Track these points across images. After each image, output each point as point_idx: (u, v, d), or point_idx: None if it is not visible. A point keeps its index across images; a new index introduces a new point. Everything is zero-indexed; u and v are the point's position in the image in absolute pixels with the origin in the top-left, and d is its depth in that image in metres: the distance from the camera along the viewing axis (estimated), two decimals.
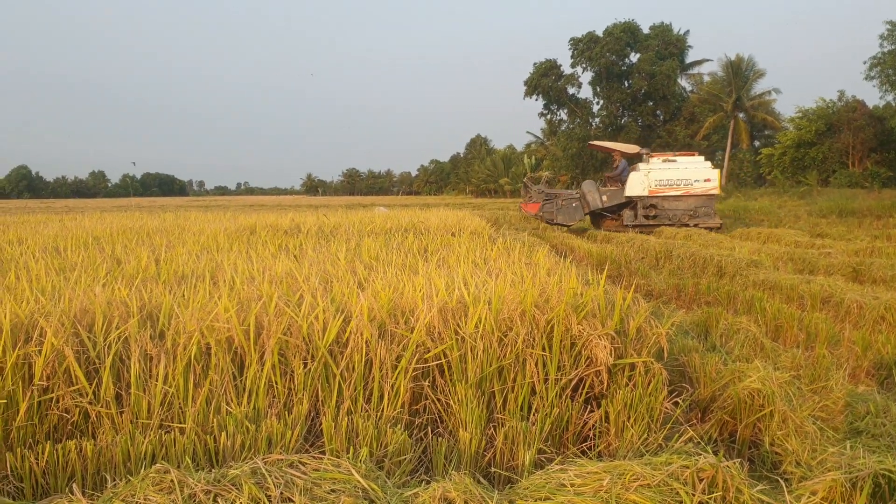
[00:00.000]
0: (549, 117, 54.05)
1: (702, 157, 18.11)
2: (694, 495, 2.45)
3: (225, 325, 3.45)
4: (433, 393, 3.60)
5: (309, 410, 3.39)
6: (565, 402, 3.48)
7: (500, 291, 3.84)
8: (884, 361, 5.00)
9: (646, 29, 48.97)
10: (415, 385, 3.57)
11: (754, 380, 3.63)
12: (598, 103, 51.12)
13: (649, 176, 17.63)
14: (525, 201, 19.84)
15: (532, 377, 3.56)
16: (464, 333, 3.56)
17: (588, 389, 3.64)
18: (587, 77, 50.79)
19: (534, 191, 19.34)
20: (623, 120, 50.22)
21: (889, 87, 35.24)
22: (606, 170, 22.55)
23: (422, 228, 10.40)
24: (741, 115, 46.96)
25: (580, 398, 3.58)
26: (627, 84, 48.86)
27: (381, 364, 3.48)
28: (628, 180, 17.91)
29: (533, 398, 3.55)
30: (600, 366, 3.52)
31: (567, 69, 50.90)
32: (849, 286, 7.38)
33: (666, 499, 2.43)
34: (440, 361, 3.59)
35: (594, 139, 45.35)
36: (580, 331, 3.62)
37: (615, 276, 9.42)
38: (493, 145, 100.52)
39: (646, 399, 3.40)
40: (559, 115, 53.66)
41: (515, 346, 3.56)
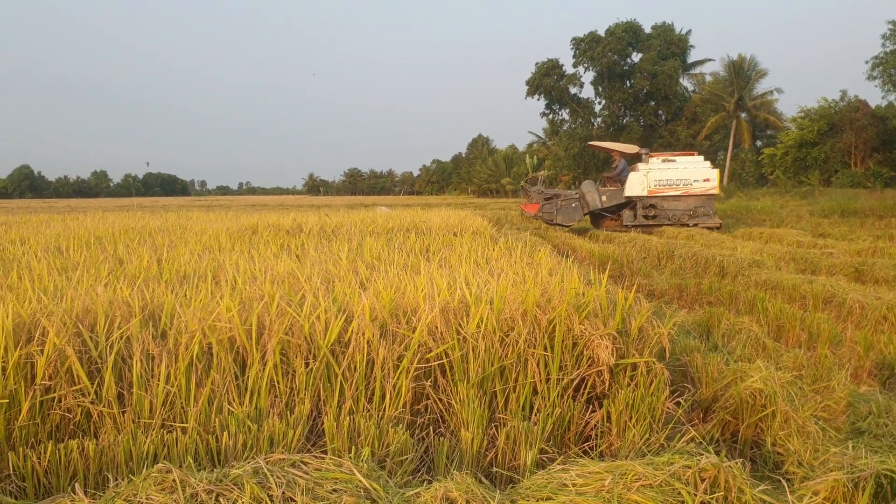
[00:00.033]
0: (551, 117, 54.04)
1: (701, 157, 18.07)
2: (696, 495, 2.44)
3: (227, 325, 3.46)
4: (435, 393, 3.60)
5: (311, 410, 3.40)
6: (567, 402, 3.48)
7: (502, 291, 3.84)
8: (886, 361, 5.00)
9: (648, 29, 48.95)
10: (416, 385, 3.57)
11: (756, 380, 3.63)
12: (600, 103, 51.11)
13: (648, 176, 17.60)
14: (525, 202, 19.84)
15: (534, 377, 3.56)
16: (465, 333, 3.56)
17: (590, 389, 3.64)
18: (589, 77, 50.76)
19: (533, 191, 19.32)
20: (625, 120, 50.19)
21: (891, 87, 35.19)
22: (607, 170, 22.53)
23: (423, 228, 10.40)
24: (743, 115, 46.92)
25: (582, 398, 3.58)
26: (629, 84, 48.81)
27: (383, 364, 3.48)
28: (627, 180, 17.88)
29: (535, 398, 3.55)
30: (602, 366, 3.52)
31: (569, 69, 50.92)
32: (851, 286, 7.37)
33: (668, 499, 2.43)
34: (442, 361, 3.59)
35: (596, 139, 45.34)
36: (582, 331, 3.62)
37: (617, 276, 9.42)
38: (495, 145, 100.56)
39: (648, 399, 3.40)
40: (561, 115, 53.65)
41: (517, 346, 3.56)
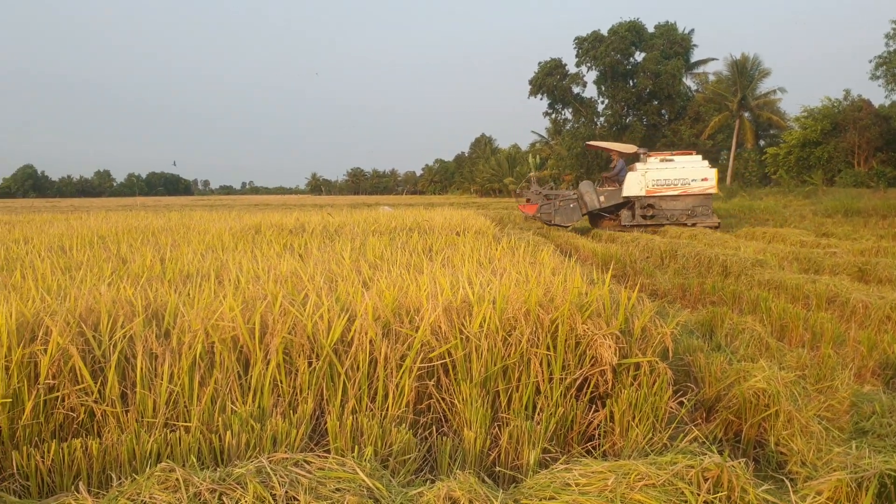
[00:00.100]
0: (554, 116, 54.03)
1: (699, 157, 18.03)
2: (699, 495, 2.44)
3: (230, 325, 3.46)
4: (438, 392, 3.60)
5: (314, 409, 3.40)
6: (570, 402, 3.48)
7: (505, 291, 3.84)
8: (889, 361, 4.99)
9: (651, 28, 48.92)
10: (419, 384, 3.57)
11: (759, 379, 3.62)
12: (603, 102, 51.11)
13: (646, 176, 17.57)
14: (523, 202, 19.81)
15: (537, 376, 3.56)
16: (468, 333, 3.56)
17: (593, 389, 3.63)
18: (592, 76, 50.79)
19: (531, 192, 19.30)
20: (628, 119, 50.16)
21: (895, 87, 35.13)
22: (607, 170, 22.54)
23: (426, 228, 10.39)
24: (746, 115, 46.89)
25: (585, 398, 3.58)
26: (632, 83, 48.79)
27: (386, 363, 3.48)
28: (626, 180, 17.85)
29: (537, 397, 3.55)
30: (605, 365, 3.52)
31: (572, 68, 50.91)
32: (854, 286, 7.36)
33: (671, 498, 2.43)
34: (445, 361, 3.59)
35: (599, 138, 45.32)
36: (585, 330, 3.62)
37: (620, 276, 9.42)
38: (498, 145, 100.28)
39: (651, 399, 3.39)
40: (564, 115, 53.66)
41: (520, 346, 3.56)
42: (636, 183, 17.67)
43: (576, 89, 51.38)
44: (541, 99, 52.05)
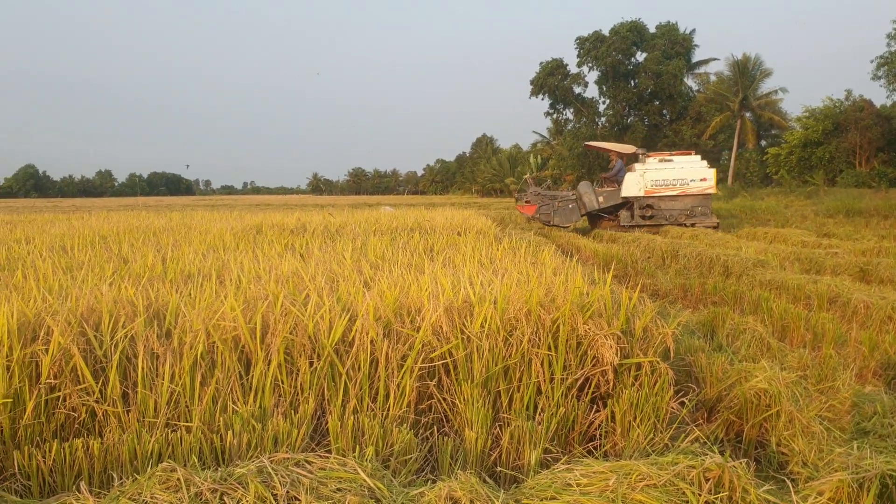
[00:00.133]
0: (555, 116, 53.98)
1: (698, 157, 17.99)
2: (700, 495, 2.44)
3: (231, 324, 3.46)
4: (439, 392, 3.60)
5: (315, 409, 3.40)
6: (571, 402, 3.48)
7: (506, 291, 3.84)
8: (891, 362, 4.98)
9: (652, 28, 48.89)
10: (420, 384, 3.57)
11: (761, 380, 3.62)
12: (605, 102, 51.07)
13: (645, 176, 17.54)
14: (521, 203, 19.80)
15: (538, 377, 3.56)
16: (469, 333, 3.56)
17: (594, 389, 3.63)
18: (593, 76, 50.71)
19: (529, 192, 19.28)
20: (629, 119, 50.13)
21: None
22: (606, 170, 22.54)
23: (427, 228, 10.39)
24: (748, 115, 46.84)
25: (586, 398, 3.57)
26: (634, 83, 48.76)
27: (387, 363, 3.49)
28: (624, 181, 17.83)
29: (539, 398, 3.55)
30: (606, 365, 3.52)
31: (573, 68, 50.88)
32: (856, 286, 7.35)
33: (672, 499, 2.43)
34: (446, 361, 3.59)
35: (600, 139, 45.31)
36: (586, 330, 3.62)
37: (621, 276, 9.41)
38: (499, 145, 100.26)
39: (652, 399, 3.39)
40: (565, 115, 53.62)
41: (521, 346, 3.55)
42: (635, 183, 17.65)
43: (577, 89, 51.38)
44: (542, 99, 52.06)
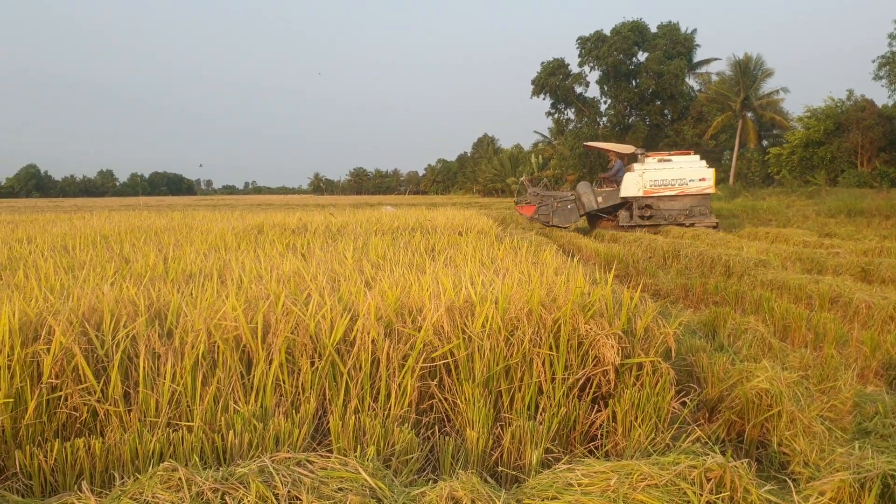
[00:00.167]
0: (557, 116, 54.00)
1: (697, 157, 17.96)
2: (702, 495, 2.44)
3: (233, 324, 3.46)
4: (440, 392, 3.60)
5: (316, 409, 3.40)
6: (572, 402, 3.48)
7: (507, 291, 3.84)
8: (892, 361, 4.98)
9: (653, 28, 48.87)
10: (422, 384, 3.57)
11: (762, 380, 3.62)
12: (606, 102, 51.07)
13: (644, 176, 17.52)
14: (520, 203, 19.80)
15: (539, 376, 3.56)
16: (471, 332, 3.56)
17: (595, 389, 3.63)
18: (595, 76, 50.73)
19: (528, 193, 19.29)
20: (631, 119, 50.13)
21: None
22: (605, 170, 22.52)
23: (429, 227, 10.39)
24: (749, 115, 46.76)
25: (587, 398, 3.57)
26: (635, 83, 48.76)
27: (389, 363, 3.49)
28: (623, 181, 17.82)
29: (540, 397, 3.55)
30: (608, 365, 3.52)
31: (574, 68, 50.87)
32: (857, 286, 7.34)
33: (673, 499, 2.43)
34: (447, 360, 3.59)
35: (602, 139, 45.30)
36: (587, 330, 3.62)
37: (622, 276, 9.41)
38: (501, 144, 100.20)
39: (653, 399, 3.39)
40: (567, 115, 53.63)
41: (522, 346, 3.55)
42: (634, 183, 17.63)
43: (578, 89, 51.39)
44: (543, 99, 52.07)
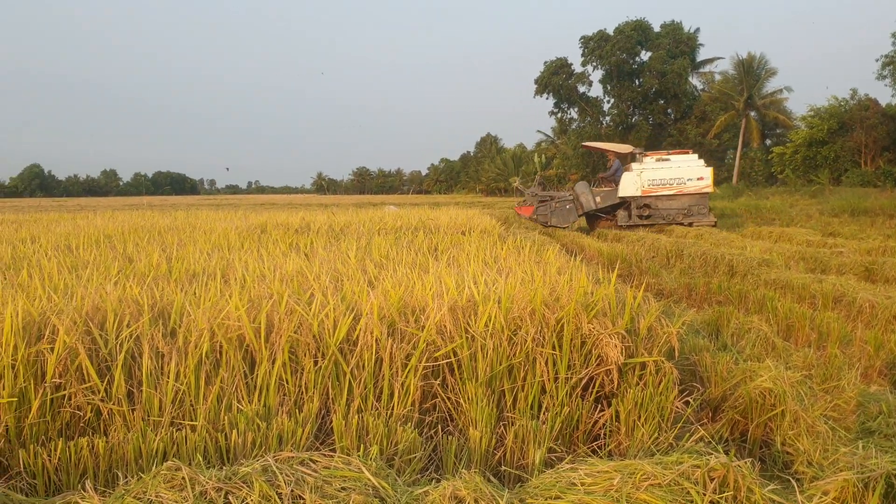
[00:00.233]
0: (560, 116, 54.00)
1: (695, 156, 17.91)
2: (705, 495, 2.44)
3: (236, 324, 3.47)
4: (443, 391, 3.60)
5: (319, 408, 3.40)
6: (575, 401, 3.48)
7: (510, 290, 3.84)
8: None
9: (656, 27, 48.82)
10: (425, 383, 3.57)
11: (766, 379, 3.61)
12: (609, 102, 51.06)
13: (642, 176, 17.49)
14: (519, 204, 19.81)
15: (542, 376, 3.56)
16: (474, 332, 3.56)
17: (598, 388, 3.63)
18: (598, 75, 50.77)
19: (527, 193, 19.28)
20: (634, 119, 50.10)
21: None
22: (604, 170, 22.51)
23: (432, 227, 10.40)
24: (753, 114, 46.69)
25: (590, 397, 3.57)
26: (638, 82, 48.72)
27: (392, 362, 3.49)
28: (621, 180, 17.80)
29: (543, 397, 3.55)
30: (611, 365, 3.52)
31: (577, 67, 50.86)
32: (861, 285, 7.33)
33: (677, 498, 2.42)
34: (450, 360, 3.59)
35: (605, 138, 45.27)
36: (590, 329, 3.61)
37: (626, 275, 9.40)
38: (504, 144, 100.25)
39: (656, 398, 3.39)
40: (570, 114, 53.63)
41: (525, 345, 3.55)
42: (632, 183, 17.60)
43: (581, 88, 51.40)
44: (546, 98, 52.08)
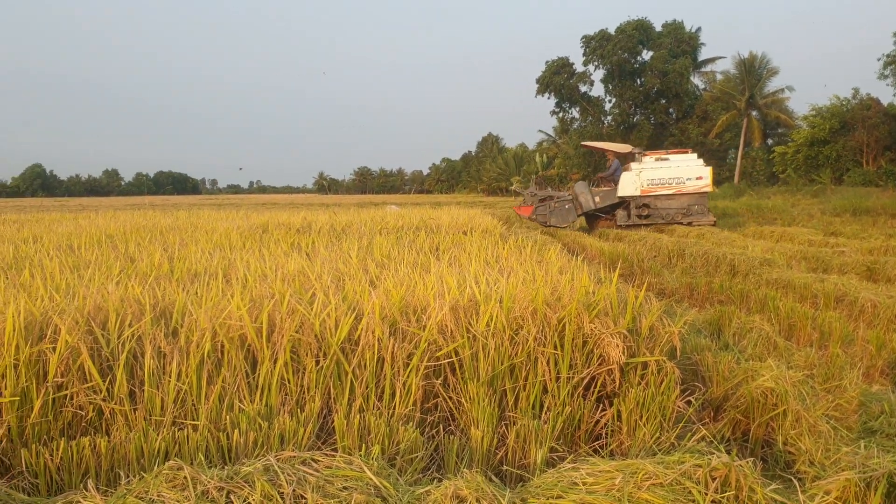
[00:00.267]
0: (561, 115, 53.97)
1: (694, 155, 17.90)
2: (707, 494, 2.44)
3: (238, 323, 3.47)
4: (445, 391, 3.60)
5: (321, 408, 3.40)
6: (577, 401, 3.48)
7: (512, 290, 3.84)
8: None
9: (658, 27, 48.79)
10: (426, 383, 3.57)
11: (767, 379, 3.61)
12: (611, 101, 51.01)
13: (641, 175, 17.48)
14: (519, 204, 19.83)
15: (544, 375, 3.56)
16: (475, 332, 3.56)
17: (600, 388, 3.63)
18: (599, 75, 50.67)
19: (525, 194, 19.30)
20: (635, 118, 50.06)
21: None
22: (603, 169, 22.53)
23: (433, 227, 10.40)
24: (754, 113, 46.63)
25: (592, 397, 3.57)
26: (640, 82, 48.68)
27: (393, 362, 3.49)
28: (620, 180, 17.79)
29: (545, 396, 3.55)
30: (612, 364, 3.52)
31: (579, 67, 50.84)
32: (863, 285, 7.32)
33: (678, 498, 2.42)
34: (452, 359, 3.59)
35: (606, 137, 45.25)
36: (592, 329, 3.61)
37: (627, 275, 9.40)
38: (505, 144, 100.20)
39: (658, 398, 3.39)
40: (571, 114, 53.58)
41: (527, 345, 3.55)
42: (631, 183, 17.59)
43: (583, 88, 51.34)
44: (548, 98, 52.03)
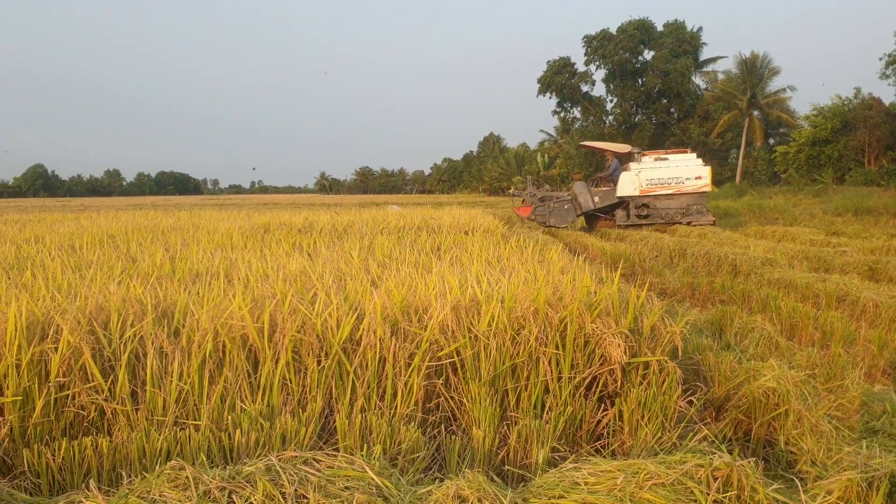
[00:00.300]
0: (563, 115, 53.91)
1: (693, 155, 17.89)
2: (708, 494, 2.43)
3: (239, 323, 3.47)
4: (446, 391, 3.61)
5: (323, 408, 3.41)
6: (579, 401, 3.48)
7: (513, 290, 3.84)
8: None
9: (659, 27, 48.77)
10: (428, 383, 3.57)
11: (769, 378, 3.61)
12: (612, 101, 50.97)
13: (640, 175, 17.48)
14: (518, 204, 19.83)
15: (545, 375, 3.55)
16: (477, 331, 3.56)
17: (602, 388, 3.63)
18: (601, 75, 50.63)
19: (524, 194, 19.30)
20: (637, 118, 50.02)
21: None
22: (602, 169, 22.54)
23: (435, 227, 10.40)
24: (756, 113, 46.59)
25: (594, 396, 3.57)
26: (641, 82, 48.63)
27: (395, 362, 3.49)
28: (619, 180, 17.79)
29: (546, 396, 3.55)
30: (614, 364, 3.52)
31: (580, 67, 50.80)
32: (865, 285, 7.31)
33: (680, 497, 2.42)
34: (453, 359, 3.59)
35: (608, 137, 45.24)
36: (594, 329, 3.61)
37: (629, 275, 9.39)
38: (507, 143, 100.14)
39: (660, 398, 3.39)
40: (573, 113, 53.54)
41: (528, 345, 3.55)
42: (630, 183, 17.59)
43: (584, 88, 51.28)
44: (549, 97, 51.98)
